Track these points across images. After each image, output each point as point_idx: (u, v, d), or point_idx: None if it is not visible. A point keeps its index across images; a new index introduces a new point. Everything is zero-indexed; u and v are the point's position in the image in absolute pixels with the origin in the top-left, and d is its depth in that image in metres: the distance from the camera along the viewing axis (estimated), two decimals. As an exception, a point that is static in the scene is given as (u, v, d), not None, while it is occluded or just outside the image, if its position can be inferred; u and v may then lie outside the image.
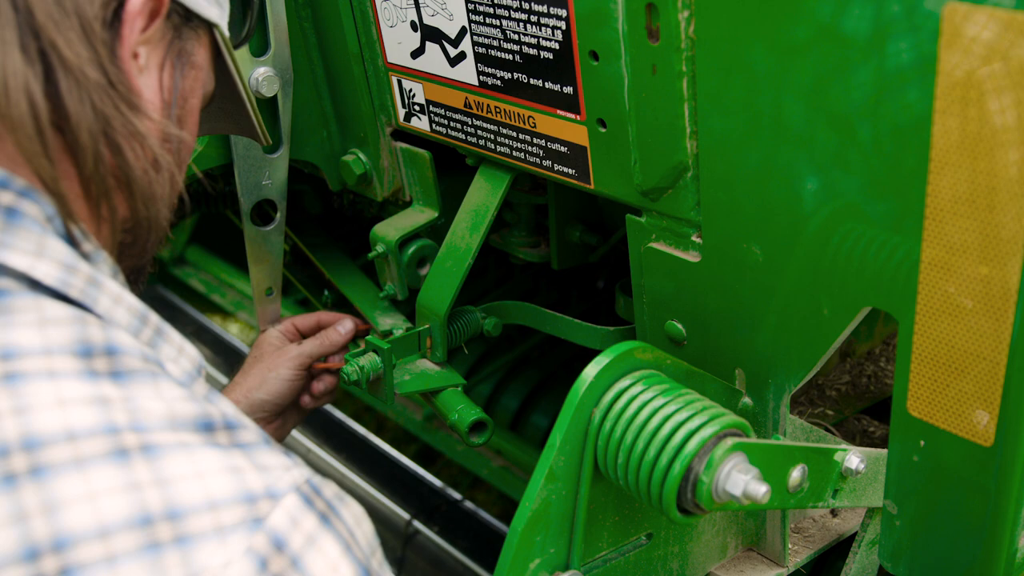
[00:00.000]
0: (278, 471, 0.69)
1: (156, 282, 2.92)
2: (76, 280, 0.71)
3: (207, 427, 0.70)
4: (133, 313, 0.75)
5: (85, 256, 0.76)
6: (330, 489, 0.72)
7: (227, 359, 2.64)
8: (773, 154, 0.96)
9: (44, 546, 0.61)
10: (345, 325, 1.57)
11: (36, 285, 0.70)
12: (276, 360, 1.50)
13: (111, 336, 0.70)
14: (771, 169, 0.96)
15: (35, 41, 0.71)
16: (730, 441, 0.90)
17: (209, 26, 0.90)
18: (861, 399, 1.52)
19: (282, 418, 1.54)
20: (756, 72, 0.93)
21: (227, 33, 0.93)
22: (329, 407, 2.52)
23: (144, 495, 0.63)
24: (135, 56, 0.79)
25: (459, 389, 1.44)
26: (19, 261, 0.69)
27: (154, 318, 0.78)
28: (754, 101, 0.95)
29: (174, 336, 0.79)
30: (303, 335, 1.61)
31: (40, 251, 0.70)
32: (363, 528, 0.73)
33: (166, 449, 0.66)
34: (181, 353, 0.79)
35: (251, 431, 0.73)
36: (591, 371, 0.95)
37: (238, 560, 0.64)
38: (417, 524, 2.05)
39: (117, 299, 0.74)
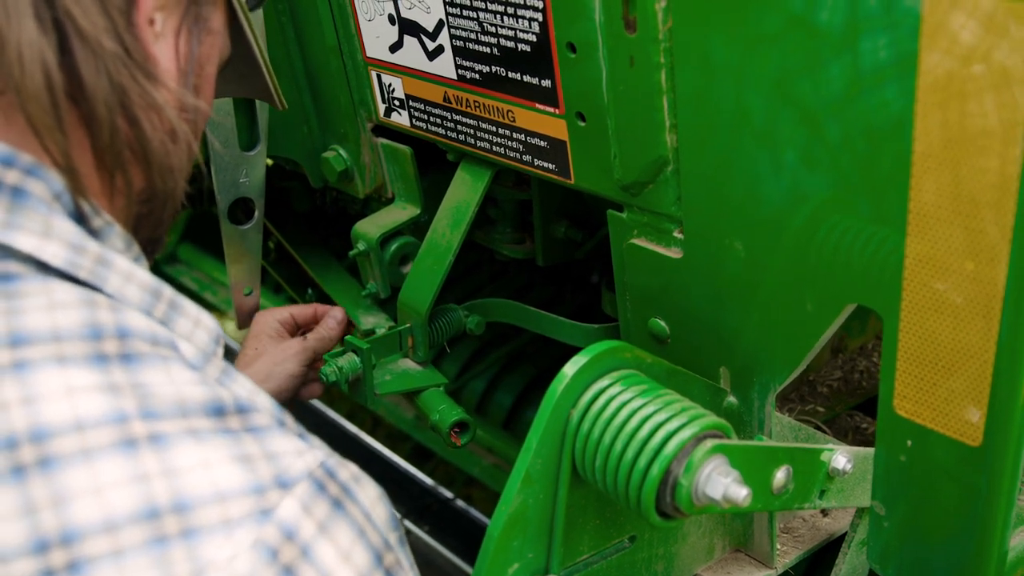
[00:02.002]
0: (290, 457, 0.68)
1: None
2: (84, 260, 0.70)
3: (218, 412, 0.68)
4: (145, 289, 0.73)
5: (95, 232, 0.74)
6: (346, 471, 0.70)
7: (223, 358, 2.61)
8: (741, 150, 0.93)
9: (53, 539, 0.60)
10: (336, 316, 1.52)
11: (44, 267, 0.68)
12: (282, 355, 1.44)
13: (121, 318, 0.68)
14: (742, 165, 0.94)
15: (50, 10, 0.68)
16: (710, 443, 0.87)
17: None
18: (853, 395, 1.50)
19: None
20: (722, 64, 0.90)
21: None
22: (321, 405, 2.50)
23: (151, 487, 0.62)
24: (151, 22, 0.76)
25: (441, 389, 1.42)
26: (26, 243, 0.67)
27: (168, 292, 0.75)
28: (722, 94, 0.92)
29: (190, 309, 0.77)
30: (299, 326, 1.56)
31: (47, 231, 0.68)
32: (380, 509, 0.71)
33: (175, 438, 0.65)
34: (198, 325, 0.77)
35: (264, 414, 0.71)
36: (569, 371, 0.93)
37: (244, 553, 0.62)
38: (407, 523, 2.03)
39: (128, 276, 0.72)
